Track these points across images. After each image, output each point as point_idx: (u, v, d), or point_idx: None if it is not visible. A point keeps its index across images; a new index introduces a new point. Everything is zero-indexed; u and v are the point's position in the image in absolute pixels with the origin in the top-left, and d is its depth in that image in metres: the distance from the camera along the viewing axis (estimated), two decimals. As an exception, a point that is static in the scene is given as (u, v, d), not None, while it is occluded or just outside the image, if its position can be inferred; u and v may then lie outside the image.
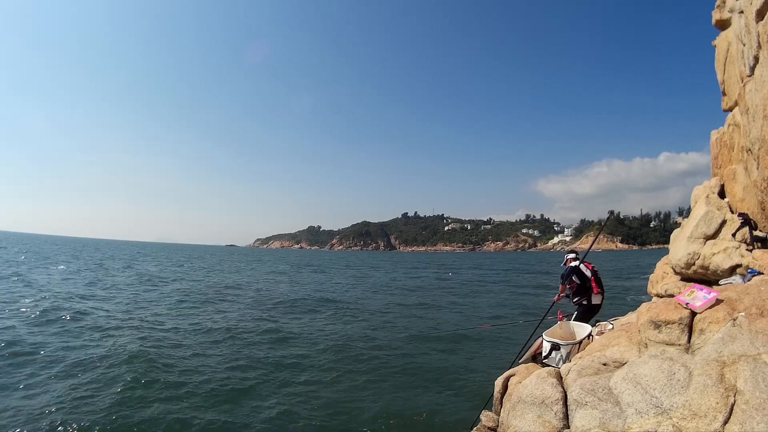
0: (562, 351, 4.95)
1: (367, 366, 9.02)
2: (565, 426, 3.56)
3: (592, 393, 3.42)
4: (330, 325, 13.47)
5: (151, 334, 11.06)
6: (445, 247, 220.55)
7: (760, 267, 4.79)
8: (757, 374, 2.72)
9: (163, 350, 9.48)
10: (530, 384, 4.09)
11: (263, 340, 10.91)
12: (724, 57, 6.75)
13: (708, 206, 6.35)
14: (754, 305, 3.46)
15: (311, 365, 9.00)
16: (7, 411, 6.24)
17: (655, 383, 3.07)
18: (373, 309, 16.91)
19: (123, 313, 14.03)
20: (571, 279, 6.33)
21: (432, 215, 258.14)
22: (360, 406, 6.94)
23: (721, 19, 6.78)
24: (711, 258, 5.74)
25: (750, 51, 5.29)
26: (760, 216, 5.49)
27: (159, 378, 7.68)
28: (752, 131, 5.32)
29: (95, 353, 9.02)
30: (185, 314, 14.54)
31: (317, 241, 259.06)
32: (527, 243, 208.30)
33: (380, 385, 7.92)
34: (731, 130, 6.62)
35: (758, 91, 5.12)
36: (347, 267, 52.48)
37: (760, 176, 5.20)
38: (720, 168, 7.04)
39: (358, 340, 11.25)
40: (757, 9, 5.00)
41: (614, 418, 3.13)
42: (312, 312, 15.89)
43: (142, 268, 36.00)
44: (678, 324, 3.63)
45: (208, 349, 10.00)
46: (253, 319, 13.81)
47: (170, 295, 19.41)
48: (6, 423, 5.89)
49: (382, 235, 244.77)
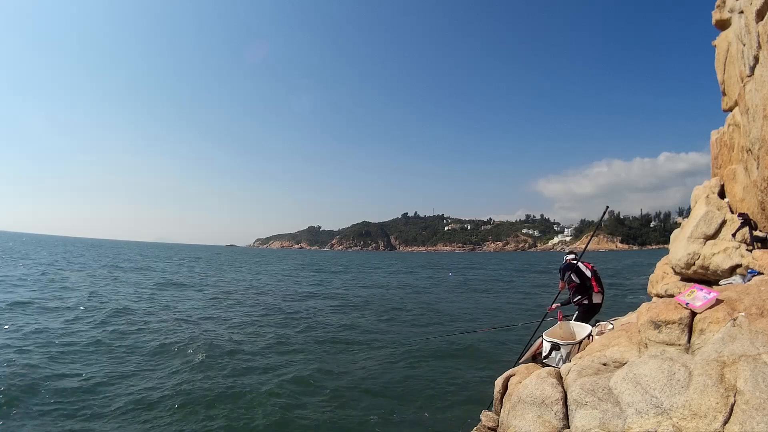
0: (562, 351, 4.95)
1: (367, 367, 9.02)
2: (565, 426, 3.56)
3: (592, 393, 3.41)
4: (328, 325, 13.46)
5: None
6: (445, 247, 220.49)
7: (760, 267, 4.79)
8: (757, 374, 2.72)
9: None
10: (530, 384, 4.08)
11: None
12: (724, 57, 6.75)
13: (708, 206, 6.34)
14: (754, 305, 3.46)
15: (308, 360, 9.00)
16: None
17: (655, 383, 3.07)
18: (372, 310, 16.91)
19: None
20: (570, 278, 6.33)
21: (432, 215, 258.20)
22: (360, 406, 6.93)
23: (721, 19, 6.78)
24: (711, 258, 5.74)
25: (750, 51, 5.29)
26: (760, 216, 5.49)
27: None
28: (752, 131, 5.31)
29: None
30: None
31: (317, 241, 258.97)
32: (527, 243, 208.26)
33: (380, 385, 7.92)
34: (731, 130, 6.61)
35: (758, 91, 5.12)
36: (347, 267, 52.48)
37: (760, 176, 5.19)
38: (720, 168, 7.03)
39: (356, 341, 11.25)
40: (757, 9, 4.99)
41: (614, 418, 3.13)
42: (308, 312, 15.89)
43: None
44: (678, 324, 3.62)
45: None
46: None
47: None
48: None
49: (382, 235, 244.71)
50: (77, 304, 15.17)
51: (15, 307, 13.90)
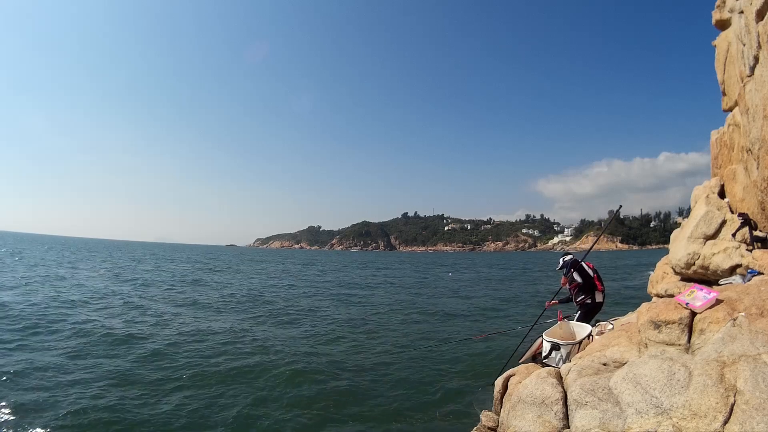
0: (562, 351, 4.96)
1: (366, 367, 9.02)
2: (565, 426, 3.56)
3: (592, 393, 3.41)
4: (327, 326, 13.47)
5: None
6: (445, 247, 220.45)
7: (760, 267, 4.79)
8: (757, 374, 2.72)
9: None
10: (530, 384, 4.08)
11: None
12: (724, 57, 6.75)
13: (708, 206, 6.34)
14: (754, 305, 3.46)
15: (308, 361, 9.00)
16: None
17: (655, 383, 3.07)
18: (372, 310, 16.90)
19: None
20: (572, 277, 6.32)
21: (432, 215, 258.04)
22: (356, 407, 6.93)
23: (721, 19, 6.78)
24: (711, 258, 5.74)
25: (750, 51, 5.29)
26: (760, 216, 5.49)
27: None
28: (752, 131, 5.32)
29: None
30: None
31: (317, 241, 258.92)
32: (527, 243, 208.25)
33: (378, 386, 7.91)
34: (731, 130, 6.61)
35: (758, 91, 5.12)
36: (355, 267, 52.47)
37: (760, 176, 5.20)
38: (720, 168, 7.04)
39: (354, 342, 11.25)
40: (757, 9, 5.00)
41: (614, 418, 3.13)
42: (304, 313, 15.89)
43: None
44: (678, 324, 3.63)
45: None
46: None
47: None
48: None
49: (382, 235, 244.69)
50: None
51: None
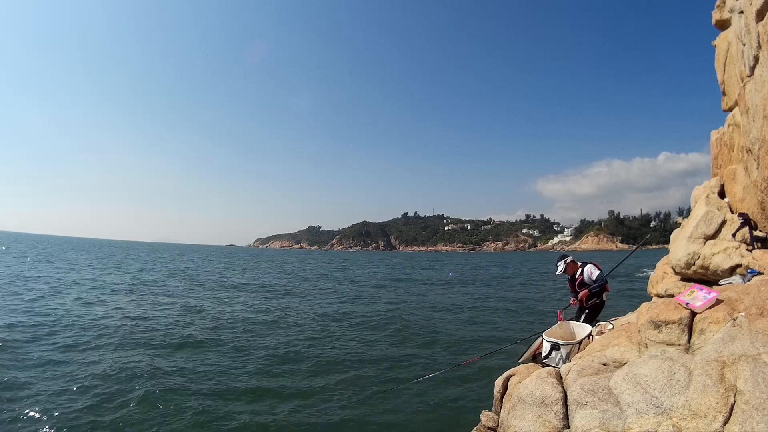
0: (562, 351, 4.95)
1: (365, 370, 9.02)
2: (565, 426, 3.56)
3: (592, 393, 3.41)
4: (327, 328, 13.47)
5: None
6: (445, 247, 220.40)
7: (760, 267, 4.78)
8: (757, 374, 2.72)
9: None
10: (530, 384, 4.08)
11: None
12: (724, 57, 6.74)
13: (708, 206, 6.34)
14: (754, 305, 3.46)
15: (306, 367, 9.00)
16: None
17: (655, 383, 3.07)
18: (370, 311, 16.89)
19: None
20: (594, 293, 6.04)
21: (432, 215, 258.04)
22: (359, 407, 6.93)
23: (721, 19, 6.77)
24: (711, 258, 5.74)
25: (750, 51, 5.28)
26: (760, 216, 5.48)
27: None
28: (752, 131, 5.31)
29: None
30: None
31: (317, 241, 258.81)
32: (527, 243, 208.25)
33: (377, 386, 7.91)
34: (731, 130, 6.61)
35: (758, 91, 5.11)
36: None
37: (760, 176, 5.19)
38: (720, 168, 7.03)
39: (353, 344, 11.25)
40: (757, 9, 4.99)
41: (614, 418, 3.12)
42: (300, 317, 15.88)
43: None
44: (678, 324, 3.62)
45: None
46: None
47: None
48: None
49: (382, 235, 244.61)
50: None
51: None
